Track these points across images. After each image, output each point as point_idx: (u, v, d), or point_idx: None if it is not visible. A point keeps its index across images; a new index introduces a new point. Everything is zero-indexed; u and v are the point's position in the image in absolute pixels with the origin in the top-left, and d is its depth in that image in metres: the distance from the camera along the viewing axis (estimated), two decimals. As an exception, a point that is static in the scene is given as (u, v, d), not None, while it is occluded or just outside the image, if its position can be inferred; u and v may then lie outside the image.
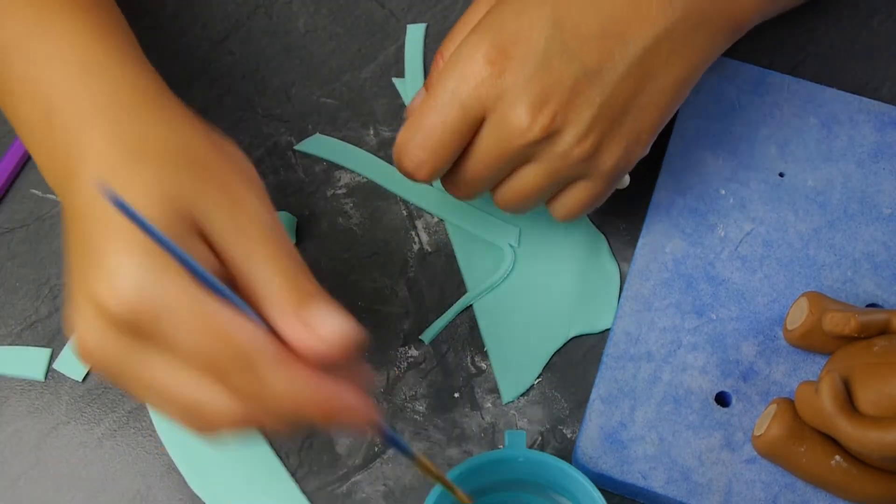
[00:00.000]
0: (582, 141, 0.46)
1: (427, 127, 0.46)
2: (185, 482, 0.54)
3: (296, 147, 0.59)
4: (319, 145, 0.60)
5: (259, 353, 0.36)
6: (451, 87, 0.46)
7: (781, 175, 0.56)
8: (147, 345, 0.37)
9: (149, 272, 0.36)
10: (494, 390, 0.55)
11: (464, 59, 0.45)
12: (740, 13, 0.48)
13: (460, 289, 0.57)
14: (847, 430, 0.47)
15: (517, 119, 0.45)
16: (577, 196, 0.50)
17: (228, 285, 0.37)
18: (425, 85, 0.50)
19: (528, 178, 0.48)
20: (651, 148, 0.59)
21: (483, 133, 0.47)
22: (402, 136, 0.48)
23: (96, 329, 0.37)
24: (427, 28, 0.62)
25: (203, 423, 0.38)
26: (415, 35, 0.62)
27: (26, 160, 0.60)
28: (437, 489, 0.47)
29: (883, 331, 0.49)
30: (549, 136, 0.46)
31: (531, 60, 0.45)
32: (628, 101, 0.46)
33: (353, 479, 0.54)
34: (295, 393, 0.36)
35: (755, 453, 0.51)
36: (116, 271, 0.36)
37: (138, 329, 0.36)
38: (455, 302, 0.57)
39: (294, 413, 0.37)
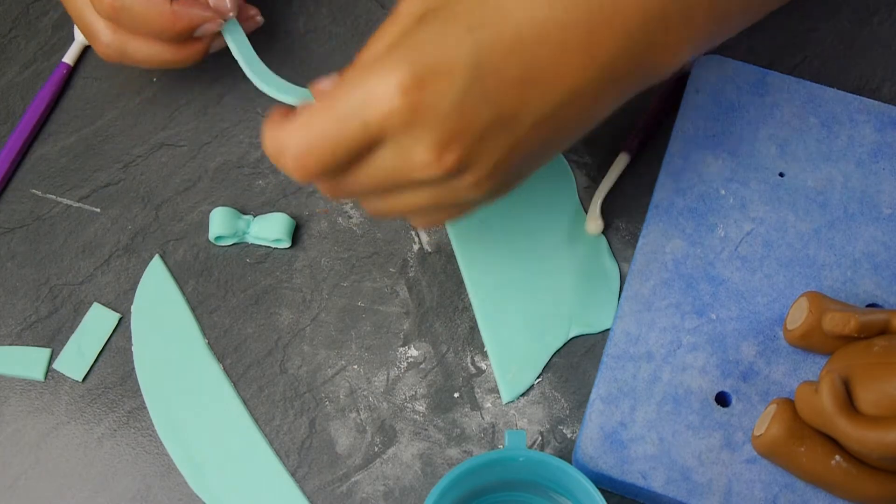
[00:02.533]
0: (478, 184, 0.45)
1: (320, 134, 0.43)
2: (185, 482, 0.54)
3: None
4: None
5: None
6: (358, 102, 0.42)
7: (781, 175, 0.56)
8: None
9: None
10: (494, 390, 0.55)
11: (376, 78, 0.42)
12: (655, 74, 0.47)
13: (460, 289, 0.57)
14: (847, 430, 0.47)
15: (420, 156, 0.43)
16: (446, 215, 0.48)
17: None
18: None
19: (408, 199, 0.46)
20: (651, 148, 0.59)
21: (379, 155, 0.44)
22: (286, 133, 0.44)
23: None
24: None
25: (85, 24, 0.55)
26: None
27: (22, 158, 0.60)
28: (438, 489, 0.47)
29: (883, 331, 0.49)
30: (447, 177, 0.44)
31: (447, 98, 0.42)
32: (532, 149, 0.45)
33: (353, 479, 0.54)
34: (139, 8, 0.52)
35: (755, 453, 0.51)
36: None
37: None
38: (456, 302, 0.57)
39: (146, 27, 0.53)
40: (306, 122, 0.44)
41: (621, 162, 0.58)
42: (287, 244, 0.58)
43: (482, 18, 0.43)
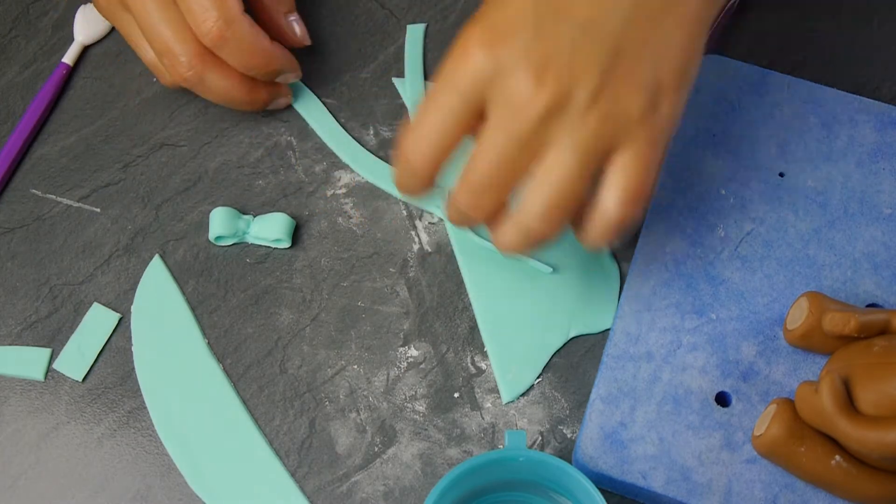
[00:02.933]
0: (596, 100, 0.43)
1: (427, 122, 0.44)
2: (185, 482, 0.54)
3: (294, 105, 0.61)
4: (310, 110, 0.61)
5: (233, 4, 0.53)
6: (448, 79, 0.44)
7: (781, 175, 0.56)
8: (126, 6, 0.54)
9: None
10: (494, 390, 0.55)
11: (456, 48, 0.44)
12: None
13: (460, 289, 0.57)
14: (847, 430, 0.47)
15: (522, 90, 0.42)
16: (627, 172, 0.44)
17: None
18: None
19: (554, 167, 0.43)
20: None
21: (488, 122, 0.44)
22: (404, 142, 0.46)
23: None
24: (427, 28, 0.62)
25: (168, 77, 0.56)
26: (414, 35, 0.62)
27: (22, 158, 0.60)
28: (438, 489, 0.47)
29: (883, 331, 0.49)
30: (560, 103, 0.42)
31: (523, 31, 0.43)
32: (637, 49, 0.43)
33: (353, 479, 0.54)
34: (249, 40, 0.53)
35: (755, 453, 0.51)
36: None
37: None
38: (456, 302, 0.57)
39: (243, 60, 0.54)
40: (414, 125, 0.45)
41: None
42: (287, 244, 0.58)
43: None
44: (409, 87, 0.60)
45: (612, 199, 0.45)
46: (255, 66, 0.55)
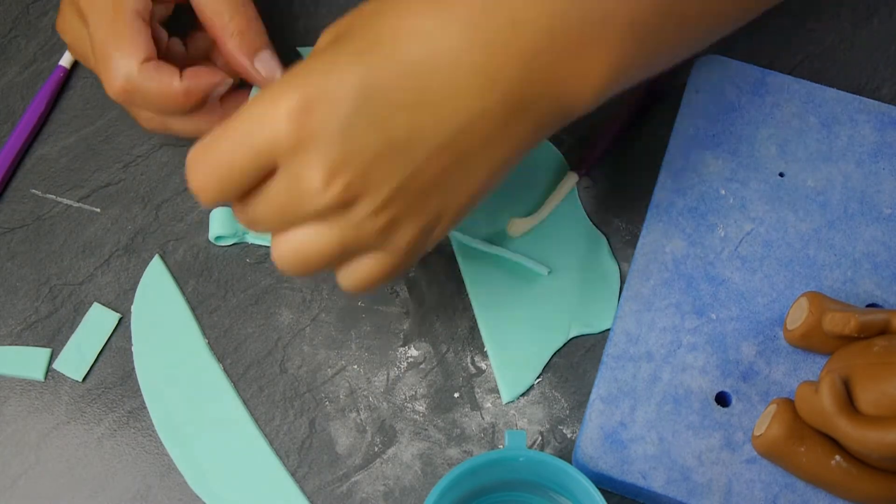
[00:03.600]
0: (377, 214, 0.42)
1: (215, 157, 0.43)
2: (185, 482, 0.54)
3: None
4: None
5: (131, 52, 0.51)
6: (249, 127, 0.42)
7: (781, 175, 0.56)
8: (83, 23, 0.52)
9: None
10: (494, 390, 0.55)
11: (264, 104, 0.42)
12: (570, 103, 0.44)
13: (461, 289, 0.57)
14: (847, 430, 0.47)
15: (310, 182, 0.42)
16: (367, 268, 0.45)
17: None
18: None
19: (315, 237, 0.44)
20: (651, 148, 0.59)
21: (275, 182, 0.43)
22: (192, 153, 0.44)
23: (66, 8, 0.53)
24: None
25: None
26: None
27: (22, 157, 0.60)
28: (438, 489, 0.47)
29: (883, 331, 0.49)
30: (340, 208, 0.42)
31: (334, 122, 0.41)
32: (434, 180, 0.43)
33: (353, 479, 0.54)
34: (154, 91, 0.52)
35: (755, 453, 0.51)
36: None
37: (78, 9, 0.52)
38: (456, 302, 0.57)
39: (158, 106, 0.52)
40: (206, 145, 0.43)
41: (570, 182, 0.57)
42: None
43: (373, 43, 0.42)
44: None
45: (343, 282, 0.46)
46: (174, 109, 0.52)
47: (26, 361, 0.56)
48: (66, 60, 0.61)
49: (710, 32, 0.49)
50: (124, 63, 0.51)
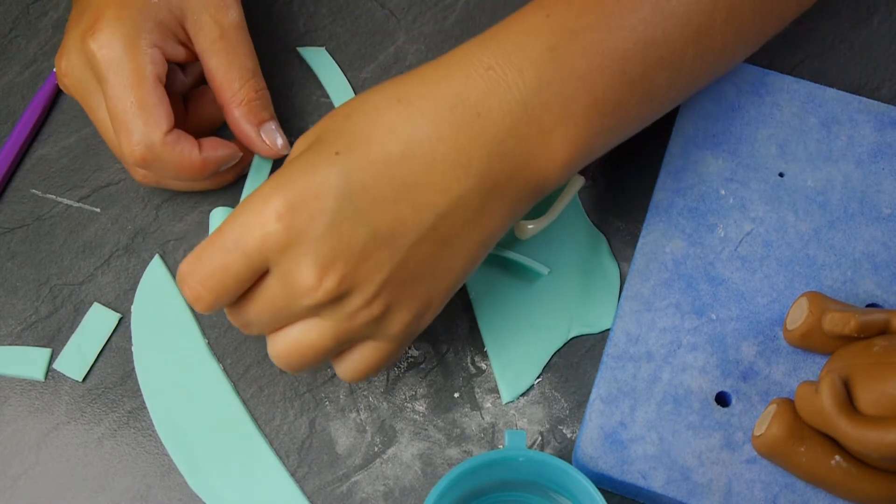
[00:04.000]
0: (370, 304, 0.45)
1: (209, 265, 0.45)
2: (185, 482, 0.54)
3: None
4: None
5: (155, 122, 0.52)
6: (237, 235, 0.44)
7: (781, 175, 0.56)
8: (96, 85, 0.53)
9: (121, 41, 0.51)
10: (494, 390, 0.55)
11: (251, 209, 0.44)
12: (541, 179, 0.47)
13: (461, 289, 0.57)
14: (847, 430, 0.47)
15: (302, 279, 0.44)
16: (364, 357, 0.48)
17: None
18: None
19: (311, 332, 0.46)
20: (651, 148, 0.59)
21: (268, 283, 0.45)
22: (184, 265, 0.46)
23: (74, 54, 0.53)
24: (329, 48, 0.62)
25: (118, 150, 0.55)
26: (316, 59, 0.62)
27: (22, 157, 0.60)
28: (438, 489, 0.47)
29: (883, 331, 0.49)
30: (334, 301, 0.44)
31: (320, 220, 0.43)
32: (421, 266, 0.45)
33: (353, 479, 0.54)
34: (174, 161, 0.52)
35: (755, 453, 0.51)
36: (102, 29, 0.51)
37: (95, 67, 0.52)
38: (455, 302, 0.57)
39: (174, 174, 0.53)
40: (197, 255, 0.45)
41: (576, 184, 0.57)
42: None
43: (350, 142, 0.44)
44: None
45: (342, 373, 0.49)
46: (186, 178, 0.54)
47: (26, 361, 0.56)
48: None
49: (681, 94, 0.51)
50: (147, 132, 0.52)
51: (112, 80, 0.51)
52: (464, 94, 0.45)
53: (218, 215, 0.57)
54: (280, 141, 0.56)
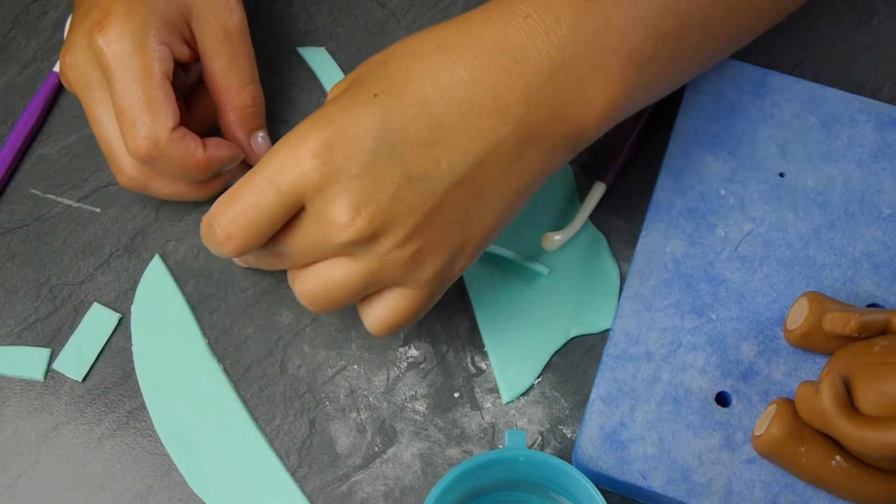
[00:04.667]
0: (401, 247, 0.45)
1: (242, 204, 0.45)
2: (185, 482, 0.54)
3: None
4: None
5: (162, 119, 0.51)
6: (271, 172, 0.45)
7: (781, 175, 0.56)
8: (101, 80, 0.53)
9: (130, 37, 0.51)
10: (494, 390, 0.55)
11: (288, 147, 0.44)
12: (579, 130, 0.47)
13: (460, 289, 0.57)
14: (847, 430, 0.47)
15: (335, 216, 0.44)
16: (393, 304, 0.48)
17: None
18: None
19: (340, 270, 0.46)
20: (651, 148, 0.59)
21: (300, 221, 0.46)
22: (215, 207, 0.46)
23: (80, 50, 0.53)
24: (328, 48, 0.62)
25: (109, 150, 0.55)
26: (316, 58, 0.62)
27: (21, 157, 0.60)
28: (438, 489, 0.47)
29: (883, 331, 0.49)
30: (366, 240, 0.45)
31: (356, 159, 0.44)
32: (455, 212, 0.45)
33: (353, 479, 0.54)
34: (179, 157, 0.52)
35: (755, 453, 0.51)
36: (111, 24, 0.51)
37: (102, 62, 0.51)
38: (456, 302, 0.57)
39: (177, 172, 0.53)
40: (230, 195, 0.46)
41: (598, 192, 0.57)
42: None
43: (389, 85, 0.45)
44: None
45: (370, 322, 0.49)
46: (191, 175, 0.54)
47: (26, 361, 0.56)
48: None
49: (709, 57, 0.52)
50: (154, 128, 0.51)
51: (120, 76, 0.51)
52: (502, 42, 0.45)
53: None
54: (265, 151, 0.56)
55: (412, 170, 0.44)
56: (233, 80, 0.55)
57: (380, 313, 0.48)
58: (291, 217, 0.46)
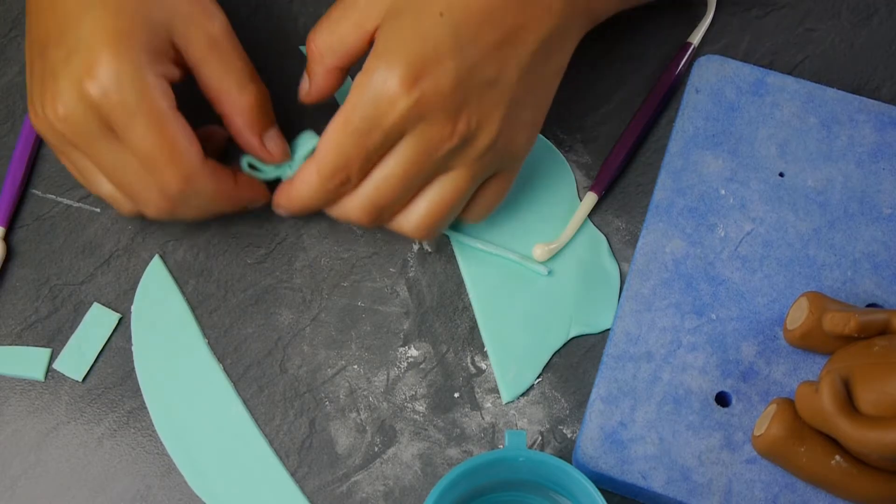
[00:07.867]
0: (495, 141, 0.50)
1: (344, 150, 0.49)
2: (185, 482, 0.54)
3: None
4: None
5: (188, 156, 0.50)
6: (370, 116, 0.48)
7: (781, 175, 0.56)
8: (104, 129, 0.49)
9: (128, 82, 0.48)
10: (494, 390, 0.55)
11: (379, 87, 0.48)
12: (598, 11, 0.54)
13: (460, 289, 0.57)
14: (847, 430, 0.47)
15: (436, 133, 0.49)
16: (497, 190, 0.53)
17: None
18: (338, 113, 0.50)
19: (448, 183, 0.51)
20: (651, 148, 0.59)
21: (400, 151, 0.50)
22: (317, 157, 0.50)
23: (72, 101, 0.48)
24: None
25: (128, 207, 0.53)
26: None
27: (33, 163, 0.60)
28: (438, 489, 0.47)
29: (883, 331, 0.49)
30: (465, 142, 0.49)
31: (444, 80, 0.48)
32: (526, 96, 0.51)
33: (353, 479, 0.54)
34: (211, 190, 0.51)
35: (755, 453, 0.51)
36: (104, 72, 0.48)
37: (104, 112, 0.48)
38: (456, 302, 0.57)
39: (208, 206, 0.52)
40: (336, 151, 0.49)
41: (588, 202, 0.57)
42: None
43: (448, 1, 0.48)
44: None
45: (474, 216, 0.54)
46: (220, 210, 0.53)
47: (26, 361, 0.56)
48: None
49: None
50: (184, 165, 0.50)
51: (132, 125, 0.49)
52: None
53: (306, 136, 0.55)
54: (282, 147, 0.55)
55: (488, 73, 0.49)
56: (231, 84, 0.53)
57: (489, 202, 0.54)
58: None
